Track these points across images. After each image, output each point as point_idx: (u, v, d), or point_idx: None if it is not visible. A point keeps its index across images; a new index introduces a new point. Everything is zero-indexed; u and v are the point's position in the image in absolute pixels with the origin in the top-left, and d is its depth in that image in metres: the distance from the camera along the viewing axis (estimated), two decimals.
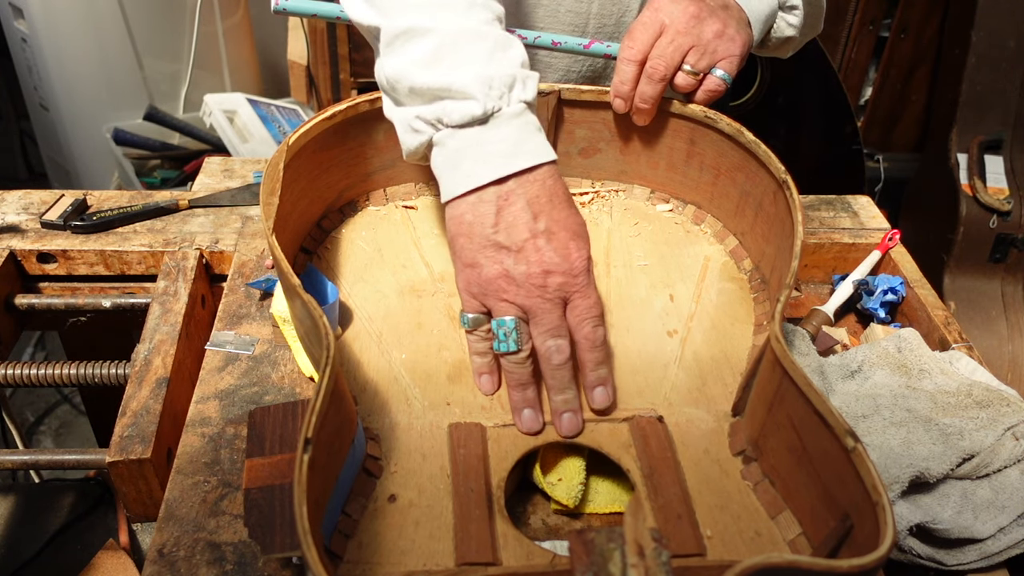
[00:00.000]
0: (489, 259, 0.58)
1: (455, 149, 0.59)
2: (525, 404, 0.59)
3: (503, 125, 0.59)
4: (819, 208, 0.93)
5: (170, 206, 0.88)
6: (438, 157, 0.61)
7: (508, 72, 0.59)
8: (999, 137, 1.82)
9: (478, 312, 0.60)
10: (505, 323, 0.58)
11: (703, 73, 0.70)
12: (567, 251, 0.58)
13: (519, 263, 0.58)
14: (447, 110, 0.58)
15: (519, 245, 0.58)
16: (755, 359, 0.59)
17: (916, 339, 0.70)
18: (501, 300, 0.58)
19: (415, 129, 0.61)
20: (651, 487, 0.55)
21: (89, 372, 0.72)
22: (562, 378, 0.59)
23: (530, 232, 0.58)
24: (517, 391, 0.59)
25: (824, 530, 0.50)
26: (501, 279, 0.58)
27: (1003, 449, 0.59)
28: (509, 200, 0.58)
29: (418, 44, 0.60)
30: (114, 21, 1.72)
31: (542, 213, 0.58)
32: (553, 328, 0.58)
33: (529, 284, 0.57)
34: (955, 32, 1.88)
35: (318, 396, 0.46)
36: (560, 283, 0.58)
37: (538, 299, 0.58)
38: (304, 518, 0.41)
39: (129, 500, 0.64)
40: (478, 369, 0.62)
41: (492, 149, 0.58)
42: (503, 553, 0.50)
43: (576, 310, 0.58)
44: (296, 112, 1.93)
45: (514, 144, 0.59)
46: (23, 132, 2.43)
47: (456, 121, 0.58)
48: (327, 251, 0.73)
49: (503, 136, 0.59)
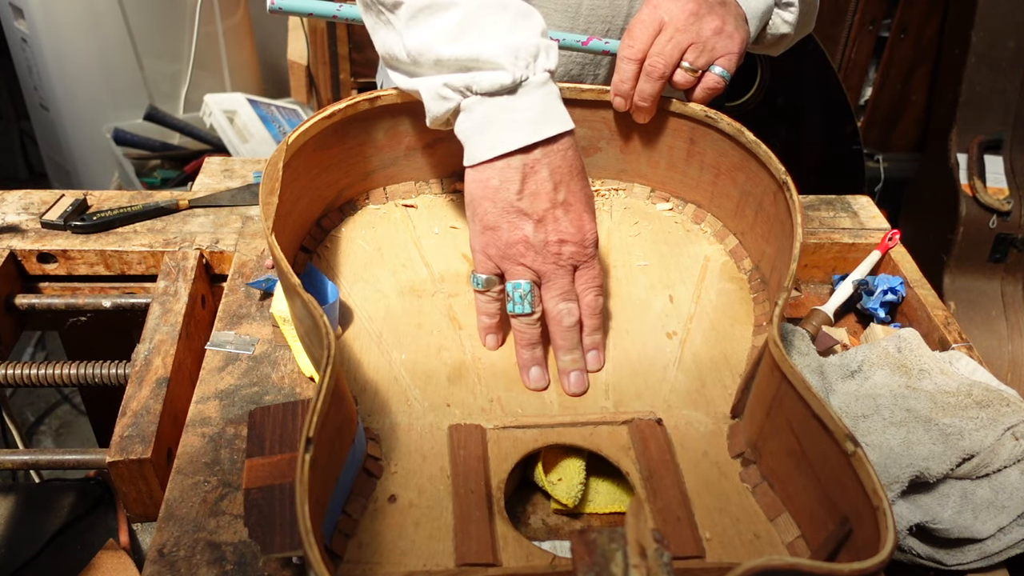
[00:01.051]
0: (511, 224, 0.61)
1: (483, 115, 0.61)
2: (534, 362, 0.63)
3: (530, 94, 0.61)
4: (819, 208, 0.93)
5: (170, 206, 0.88)
6: (464, 122, 0.63)
7: (532, 42, 0.61)
8: (999, 137, 1.82)
9: (491, 273, 0.63)
10: (521, 286, 0.62)
11: (702, 71, 0.70)
12: (581, 223, 0.62)
13: (538, 231, 0.61)
14: (476, 79, 0.61)
15: (540, 214, 0.61)
16: (754, 361, 0.59)
17: (916, 339, 0.70)
18: (518, 264, 0.62)
19: (443, 96, 0.62)
20: (650, 489, 0.55)
21: (89, 372, 0.72)
22: (571, 339, 0.63)
23: (550, 202, 0.61)
24: (527, 349, 0.63)
25: (823, 533, 0.50)
26: (520, 244, 0.61)
27: (1003, 449, 0.59)
28: (535, 168, 0.61)
29: (442, 17, 0.61)
30: (114, 21, 1.72)
31: (562, 184, 0.62)
32: (565, 292, 0.62)
33: (546, 251, 0.61)
34: (955, 32, 1.88)
35: (319, 396, 0.46)
36: (573, 252, 0.62)
37: (552, 265, 0.61)
38: (306, 517, 0.41)
39: (129, 500, 0.64)
40: (486, 328, 0.65)
41: (520, 117, 0.61)
42: (503, 554, 0.50)
43: (582, 278, 0.63)
44: (296, 112, 1.93)
45: (540, 112, 0.61)
46: (23, 132, 2.43)
47: (485, 89, 0.60)
48: (327, 250, 0.73)
49: (530, 104, 0.61)
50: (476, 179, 0.62)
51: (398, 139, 0.76)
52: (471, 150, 0.62)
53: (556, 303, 0.62)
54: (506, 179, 0.61)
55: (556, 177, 0.62)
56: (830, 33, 1.97)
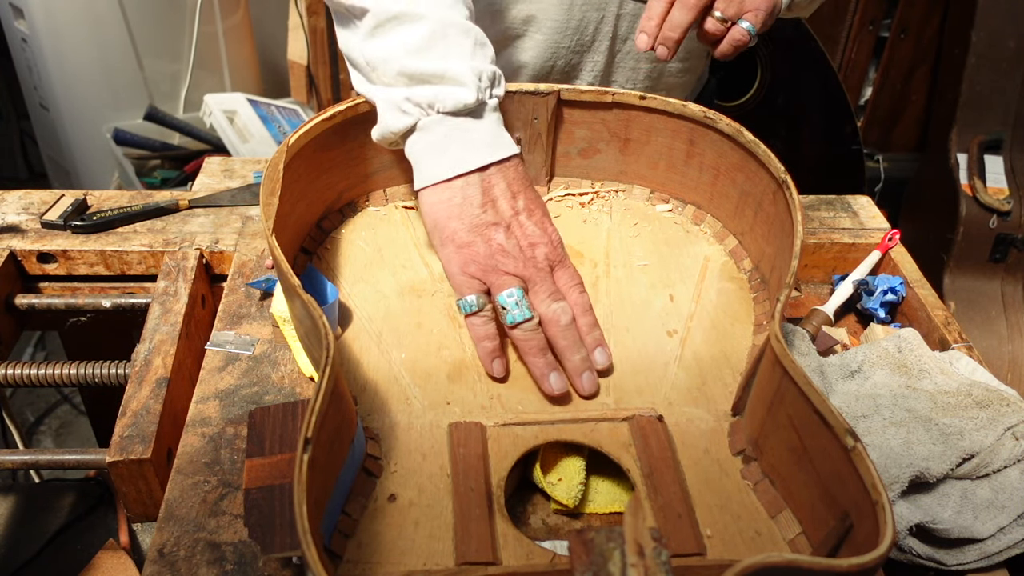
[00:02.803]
0: (483, 236, 0.63)
1: (443, 135, 0.63)
2: (550, 368, 0.61)
3: (487, 116, 0.64)
4: (819, 208, 0.93)
5: (170, 206, 0.88)
6: (419, 142, 0.64)
7: (490, 68, 0.65)
8: (999, 137, 1.82)
9: (478, 292, 0.63)
10: (513, 293, 0.61)
11: (731, 21, 0.69)
12: (544, 225, 0.65)
13: (509, 237, 0.63)
14: (440, 96, 0.62)
15: (507, 221, 0.64)
16: (755, 358, 0.59)
17: (916, 339, 0.70)
18: (503, 273, 0.62)
19: (403, 111, 0.64)
20: (651, 487, 0.55)
21: (89, 372, 0.72)
22: (572, 338, 0.62)
23: (513, 210, 0.64)
24: (539, 357, 0.61)
25: (824, 529, 0.50)
26: (498, 253, 0.62)
27: (1003, 449, 0.59)
28: (492, 183, 0.64)
29: (410, 29, 0.63)
30: (114, 21, 1.72)
31: (519, 193, 0.65)
32: (552, 292, 0.63)
33: (523, 255, 0.63)
34: (955, 32, 1.88)
35: (318, 396, 0.46)
36: (546, 253, 0.64)
37: (533, 268, 0.63)
38: (304, 518, 0.41)
39: (129, 500, 0.64)
40: (488, 354, 0.62)
41: (477, 138, 0.63)
42: (503, 552, 0.50)
43: (562, 279, 0.64)
44: (296, 112, 1.93)
45: (493, 135, 0.64)
46: (23, 132, 2.44)
47: (449, 107, 0.62)
48: (327, 251, 0.73)
49: (486, 127, 0.64)
50: (437, 200, 0.63)
51: None
52: (428, 170, 0.64)
53: (548, 305, 0.62)
54: (468, 196, 0.63)
55: (513, 188, 0.64)
56: (830, 33, 1.97)
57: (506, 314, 0.61)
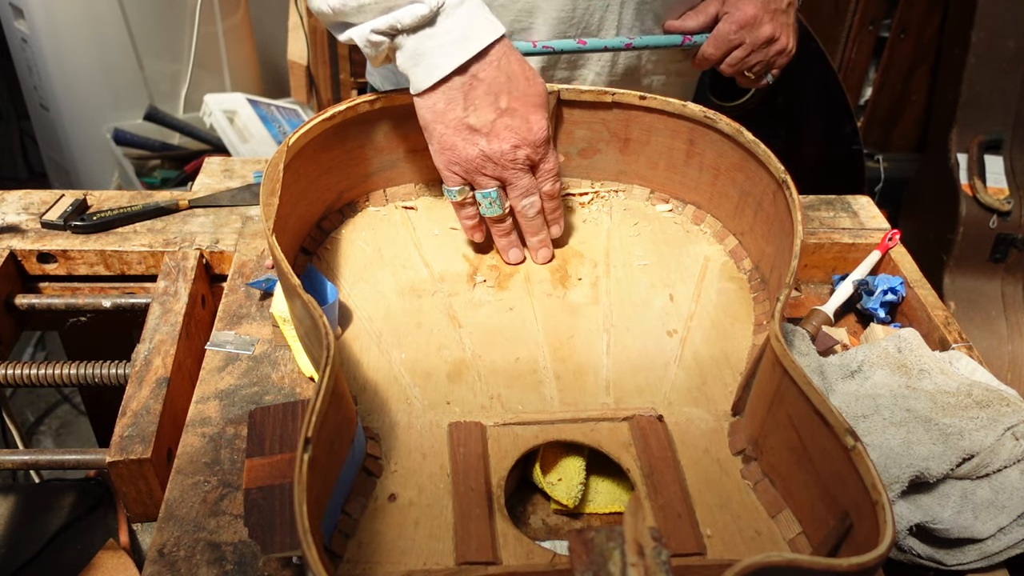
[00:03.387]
0: (466, 140, 0.67)
1: (414, 48, 0.66)
2: (511, 245, 0.74)
3: (449, 17, 0.65)
4: (819, 208, 0.93)
5: (170, 206, 0.88)
6: (400, 58, 0.67)
7: None
8: (999, 137, 1.82)
9: (462, 184, 0.70)
10: (489, 194, 0.70)
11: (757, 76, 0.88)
12: (529, 124, 0.68)
13: (492, 143, 0.67)
14: (398, 17, 0.64)
15: (489, 127, 0.67)
16: (755, 358, 0.59)
17: (916, 339, 0.70)
18: (483, 175, 0.69)
19: (372, 42, 0.66)
20: (651, 486, 0.55)
21: (89, 372, 0.72)
22: (537, 225, 0.73)
23: (496, 112, 0.67)
24: (504, 238, 0.74)
25: (824, 529, 0.50)
26: (479, 158, 0.68)
27: (1003, 449, 0.59)
28: (472, 85, 0.66)
29: None
30: (114, 21, 1.72)
31: (502, 92, 0.67)
32: (526, 190, 0.70)
33: (504, 160, 0.68)
34: (955, 32, 1.88)
35: (318, 396, 0.46)
36: (527, 154, 0.68)
37: (512, 170, 0.69)
38: (304, 517, 0.41)
39: (129, 500, 0.64)
40: (470, 228, 0.74)
41: (445, 40, 0.65)
42: (503, 552, 0.50)
43: (540, 172, 0.71)
44: (296, 112, 1.93)
45: (463, 33, 0.65)
46: (23, 132, 2.43)
47: (408, 25, 0.65)
48: (327, 251, 0.73)
49: (451, 27, 0.65)
50: (424, 106, 0.68)
51: (398, 141, 0.76)
52: (412, 82, 0.67)
53: (520, 200, 0.71)
54: (450, 100, 0.66)
55: (495, 88, 0.67)
56: (830, 33, 1.97)
57: (481, 208, 0.71)
